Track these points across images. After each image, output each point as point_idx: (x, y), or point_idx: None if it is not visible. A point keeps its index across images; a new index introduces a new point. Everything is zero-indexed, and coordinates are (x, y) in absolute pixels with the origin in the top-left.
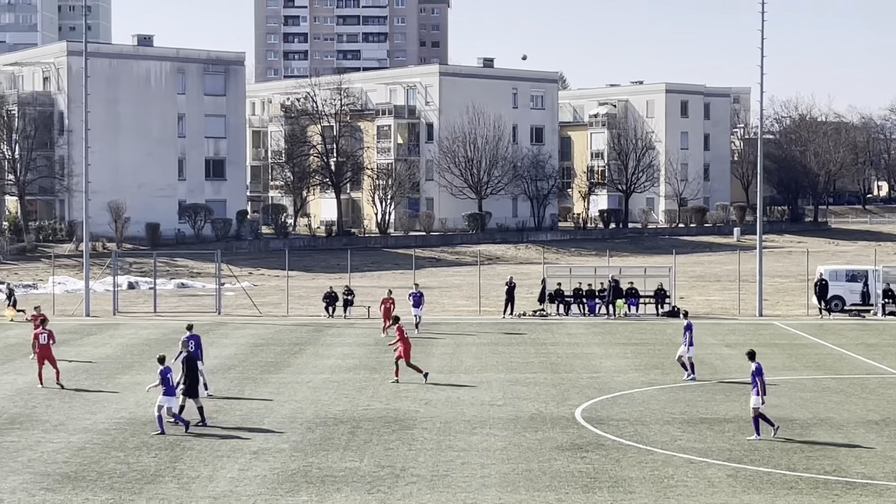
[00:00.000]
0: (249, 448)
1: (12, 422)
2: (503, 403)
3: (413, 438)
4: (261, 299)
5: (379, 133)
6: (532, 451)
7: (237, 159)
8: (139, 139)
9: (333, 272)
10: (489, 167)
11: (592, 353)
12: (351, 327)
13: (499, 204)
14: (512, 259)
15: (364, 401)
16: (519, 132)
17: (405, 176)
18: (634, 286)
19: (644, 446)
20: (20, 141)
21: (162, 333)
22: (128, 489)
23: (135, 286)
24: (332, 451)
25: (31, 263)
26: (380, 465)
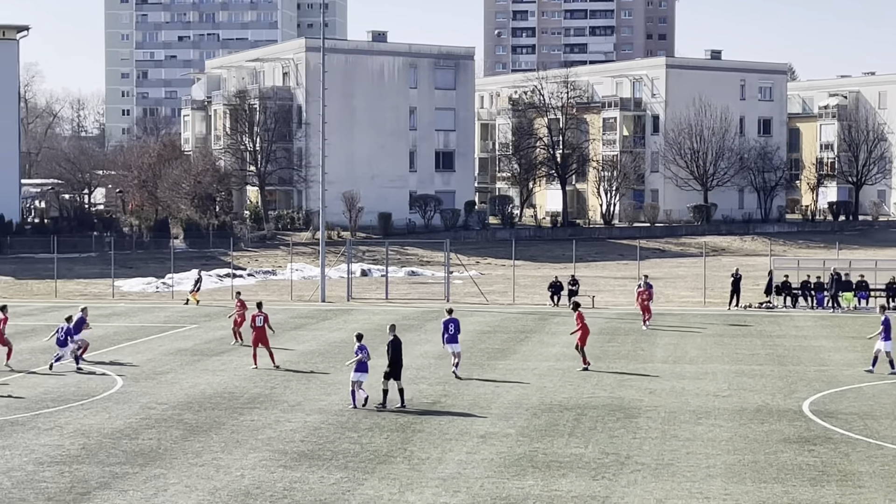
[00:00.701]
0: (477, 432)
1: (252, 401)
2: (728, 394)
3: (638, 427)
4: (487, 287)
5: (605, 125)
6: (758, 442)
7: (466, 151)
8: (373, 132)
9: (558, 262)
10: (715, 159)
11: (820, 347)
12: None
13: (724, 195)
14: (737, 251)
15: (589, 389)
16: (746, 124)
17: (630, 167)
18: (864, 279)
19: (874, 441)
20: (261, 133)
21: (394, 319)
22: (361, 468)
23: (367, 273)
24: (557, 437)
25: (270, 251)
26: (604, 452)
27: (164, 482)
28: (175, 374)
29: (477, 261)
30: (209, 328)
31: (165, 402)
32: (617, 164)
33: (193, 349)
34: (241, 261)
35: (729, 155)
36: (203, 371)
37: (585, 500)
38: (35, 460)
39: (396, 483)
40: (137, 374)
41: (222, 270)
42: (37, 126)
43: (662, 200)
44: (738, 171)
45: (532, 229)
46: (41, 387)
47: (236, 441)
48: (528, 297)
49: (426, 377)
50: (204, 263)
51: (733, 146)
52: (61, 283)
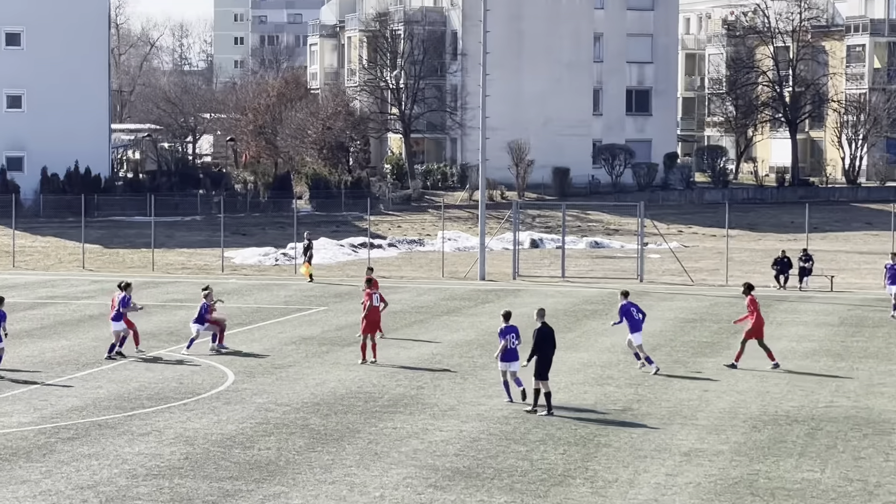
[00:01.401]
0: (679, 448)
1: (395, 404)
2: None
3: (892, 447)
4: (693, 264)
5: (849, 55)
6: None
7: (666, 89)
8: (546, 65)
9: (786, 232)
10: None
11: None
12: (808, 302)
13: None
14: None
15: (826, 396)
16: None
17: (883, 110)
18: None
19: None
20: (406, 67)
21: (572, 303)
22: (531, 491)
23: (539, 244)
24: (784, 457)
25: (416, 215)
26: (847, 479)
27: (286, 502)
28: (299, 369)
29: (679, 229)
30: (341, 311)
31: (287, 404)
32: (865, 105)
33: (322, 337)
34: (379, 227)
35: None
36: (334, 365)
37: None
38: (128, 472)
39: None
40: (253, 367)
41: (357, 239)
42: (130, 58)
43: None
44: None
45: (751, 189)
46: (135, 381)
47: (374, 453)
48: (746, 277)
49: (614, 377)
50: (335, 230)
51: None
52: (159, 254)
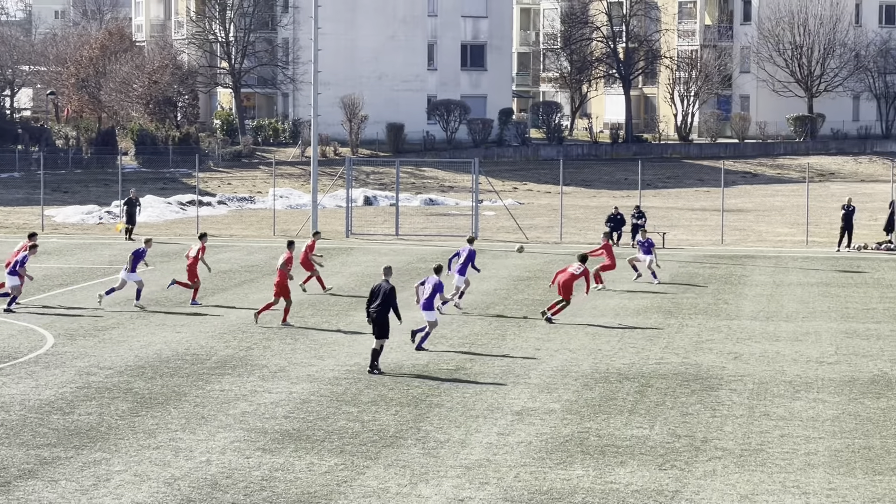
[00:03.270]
0: (511, 407)
1: (223, 366)
2: (836, 361)
3: (719, 402)
4: (528, 221)
5: (681, 11)
6: (873, 423)
7: (501, 44)
8: (380, 18)
9: (619, 188)
10: (823, 56)
11: None
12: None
13: (834, 104)
14: (850, 175)
15: (657, 352)
16: (864, 11)
17: (713, 67)
18: None
19: None
20: (235, 20)
21: (406, 261)
22: (361, 453)
23: (373, 202)
24: (614, 414)
25: (247, 171)
26: (675, 435)
27: (107, 469)
28: (123, 331)
29: (514, 186)
30: (169, 271)
31: (110, 367)
32: (696, 62)
33: (147, 298)
34: (209, 184)
35: (841, 51)
36: (159, 327)
37: (650, 494)
38: None
39: (407, 472)
40: (74, 329)
41: (185, 196)
42: None
43: (755, 110)
44: (853, 72)
45: (586, 146)
46: None
47: (201, 417)
48: (580, 234)
49: (447, 336)
50: (162, 187)
51: (847, 40)
52: None
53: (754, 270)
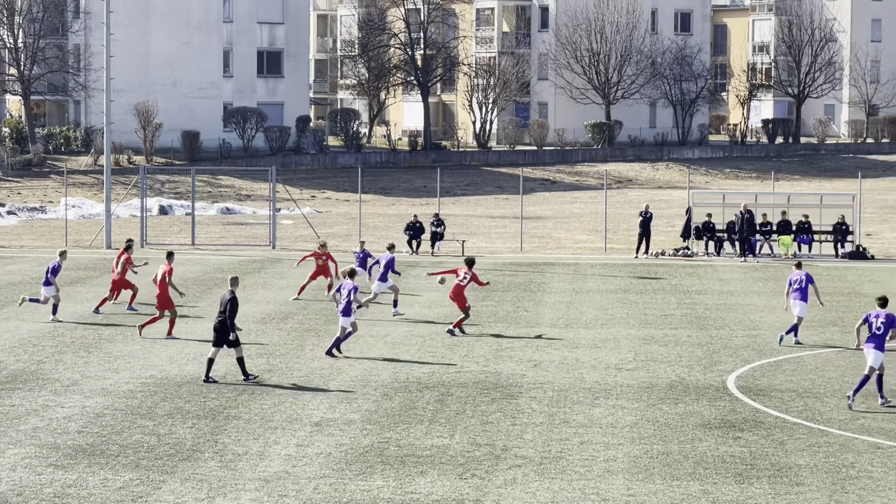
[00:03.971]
0: (310, 418)
1: (13, 380)
2: (634, 367)
3: (518, 410)
4: (326, 230)
5: (479, 18)
6: (671, 428)
7: (298, 51)
8: (174, 25)
9: (418, 196)
10: (620, 63)
11: (751, 305)
12: (441, 266)
13: (632, 111)
14: (648, 182)
15: (457, 361)
16: (659, 19)
17: (511, 74)
18: (808, 219)
19: (816, 425)
20: (24, 25)
21: (202, 271)
22: (157, 467)
23: (168, 211)
24: (414, 423)
25: (38, 180)
26: (475, 444)
27: None
28: None
29: (313, 195)
30: None
31: None
32: (495, 68)
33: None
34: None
35: (638, 59)
36: None
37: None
38: None
39: (204, 486)
40: None
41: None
42: None
43: (553, 117)
44: (650, 79)
45: (385, 153)
46: None
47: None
48: (379, 242)
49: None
50: None
51: (643, 47)
52: None
53: (553, 278)
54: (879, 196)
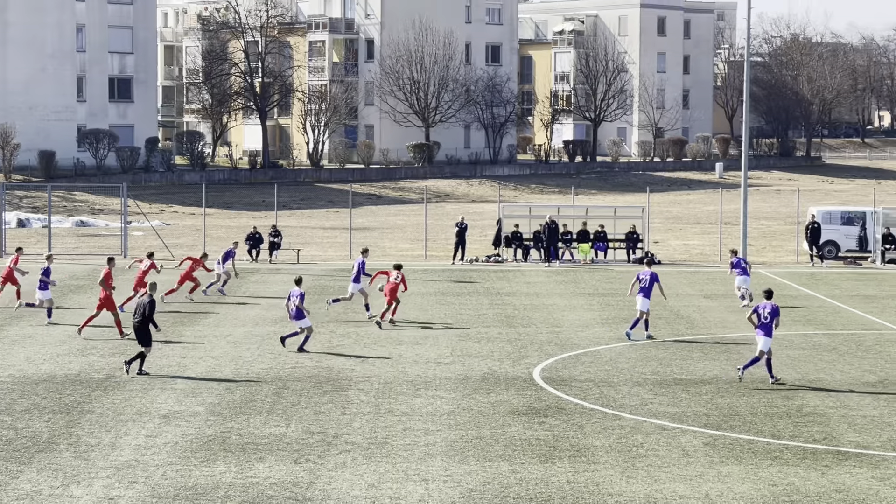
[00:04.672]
0: (158, 411)
1: None
2: (451, 361)
3: (348, 401)
4: (173, 240)
5: (311, 50)
6: (483, 415)
7: (146, 78)
8: (30, 53)
9: (258, 210)
10: (438, 90)
11: (553, 305)
12: (278, 273)
13: (449, 133)
14: (463, 196)
15: (292, 357)
16: (473, 51)
17: (341, 100)
18: (603, 228)
19: (610, 410)
20: None
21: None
22: (15, 458)
23: (26, 224)
24: (254, 414)
25: None
26: (309, 431)
27: None
28: None
29: (161, 209)
30: None
31: None
32: (326, 95)
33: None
34: None
35: (454, 86)
36: None
37: (286, 486)
38: None
39: (59, 475)
40: None
41: None
42: None
43: (378, 138)
44: (464, 104)
45: (227, 171)
46: None
47: None
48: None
49: (98, 347)
50: None
51: (458, 76)
52: None
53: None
54: (665, 208)
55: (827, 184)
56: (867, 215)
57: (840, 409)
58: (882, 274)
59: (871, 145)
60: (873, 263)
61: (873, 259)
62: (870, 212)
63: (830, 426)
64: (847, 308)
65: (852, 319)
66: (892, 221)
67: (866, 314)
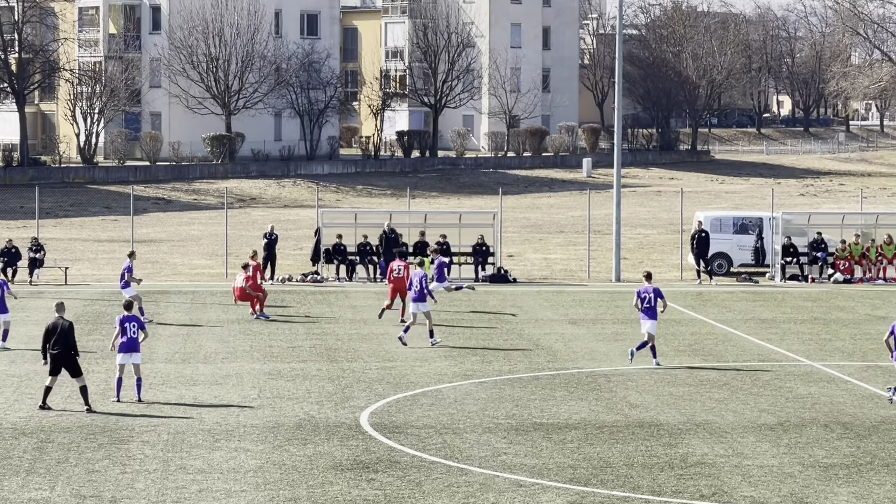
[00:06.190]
0: None
1: None
2: (259, 405)
3: (130, 456)
4: None
5: (82, 19)
6: (299, 471)
7: None
8: None
9: (15, 218)
10: (241, 69)
11: (385, 334)
12: (40, 297)
13: (255, 123)
14: (273, 200)
15: (59, 402)
16: (284, 21)
17: (120, 81)
18: (446, 239)
19: (455, 464)
20: None
21: None
22: None
23: None
24: (9, 475)
25: None
26: (80, 496)
27: None
28: None
29: None
30: None
31: None
32: (101, 75)
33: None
34: None
35: (261, 64)
36: None
37: None
38: None
39: None
40: None
41: None
42: None
43: (167, 129)
44: (274, 87)
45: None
46: None
47: None
48: None
49: None
50: None
51: (266, 52)
52: None
53: (169, 307)
54: (522, 214)
55: (717, 183)
56: (764, 222)
57: (732, 457)
58: (782, 293)
59: (769, 136)
60: (772, 280)
61: (772, 275)
62: (767, 218)
63: (721, 478)
64: (740, 334)
65: (747, 349)
66: (794, 230)
67: (763, 342)
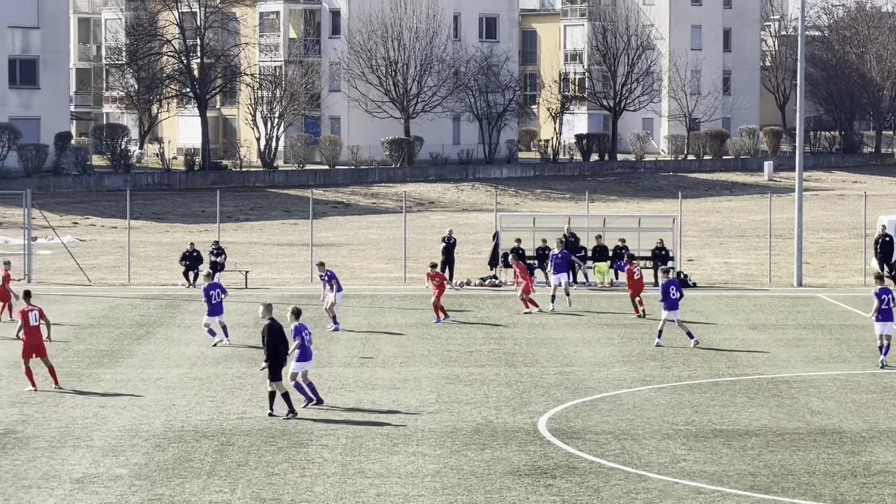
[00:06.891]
0: (70, 475)
1: None
2: (437, 410)
3: (308, 460)
4: (91, 260)
5: (262, 23)
6: (476, 476)
7: (56, 59)
8: None
9: (196, 222)
10: (420, 73)
11: (564, 339)
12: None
13: (434, 126)
14: (452, 204)
15: (238, 406)
16: (463, 24)
17: (300, 85)
18: (625, 244)
19: (634, 470)
20: None
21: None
22: None
23: None
24: (190, 477)
25: None
26: (260, 499)
27: None
28: None
29: (75, 221)
30: None
31: None
32: (281, 79)
33: None
34: None
35: (439, 68)
36: None
37: None
38: None
39: None
40: None
41: None
42: None
43: (346, 133)
44: (452, 90)
45: (157, 174)
46: None
47: None
48: (152, 275)
49: None
50: None
51: (445, 56)
52: None
53: (347, 311)
54: (701, 218)
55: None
56: None
57: None
58: None
59: None
60: None
61: None
62: None
63: None
64: None
65: None
66: None
67: None
